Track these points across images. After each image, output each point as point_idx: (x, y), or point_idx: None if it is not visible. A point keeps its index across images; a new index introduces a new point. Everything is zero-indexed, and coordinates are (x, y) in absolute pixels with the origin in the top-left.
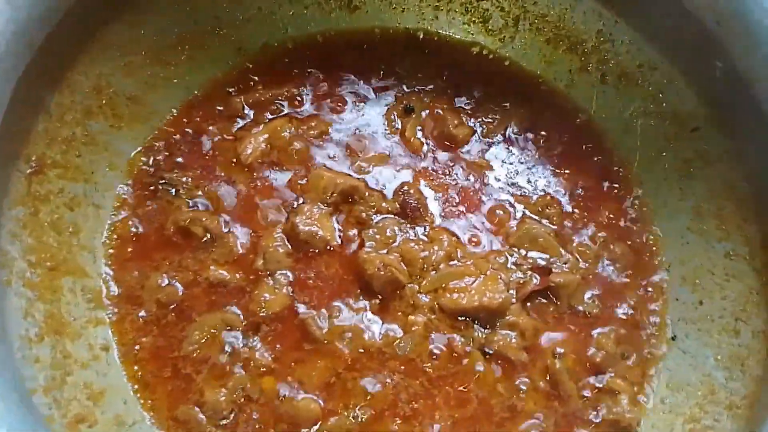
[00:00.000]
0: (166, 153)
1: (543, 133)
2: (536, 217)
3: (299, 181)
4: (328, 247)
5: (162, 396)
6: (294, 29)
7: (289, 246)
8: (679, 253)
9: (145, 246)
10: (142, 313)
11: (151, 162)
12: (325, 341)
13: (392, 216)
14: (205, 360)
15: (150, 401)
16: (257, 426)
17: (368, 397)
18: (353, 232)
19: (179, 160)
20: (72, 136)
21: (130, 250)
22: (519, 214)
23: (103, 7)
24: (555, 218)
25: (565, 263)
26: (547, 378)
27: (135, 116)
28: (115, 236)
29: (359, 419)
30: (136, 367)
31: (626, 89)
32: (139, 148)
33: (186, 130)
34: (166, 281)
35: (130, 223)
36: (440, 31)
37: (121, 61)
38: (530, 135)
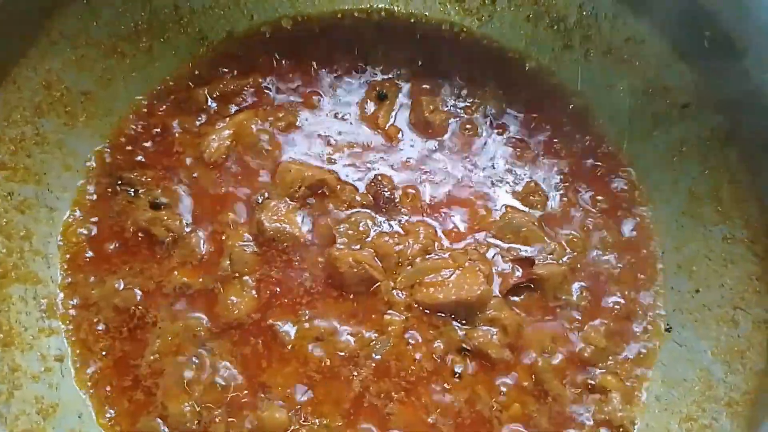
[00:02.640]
0: (125, 151)
1: (526, 115)
2: (519, 206)
3: (266, 176)
4: (297, 245)
5: (122, 409)
6: (260, 15)
7: (256, 245)
8: (674, 238)
9: (103, 249)
10: (100, 320)
11: (108, 161)
12: (295, 345)
13: (365, 209)
14: (168, 370)
15: (108, 414)
16: None
17: (340, 404)
18: (324, 227)
19: (139, 158)
20: (21, 136)
21: (86, 254)
22: (500, 203)
23: None
24: (539, 206)
25: (550, 254)
26: (532, 377)
27: (90, 113)
28: (70, 240)
29: (330, 427)
30: (92, 379)
31: (612, 66)
32: (95, 147)
33: (146, 126)
34: (124, 286)
35: (87, 225)
36: (414, 11)
37: (73, 54)
38: (512, 118)
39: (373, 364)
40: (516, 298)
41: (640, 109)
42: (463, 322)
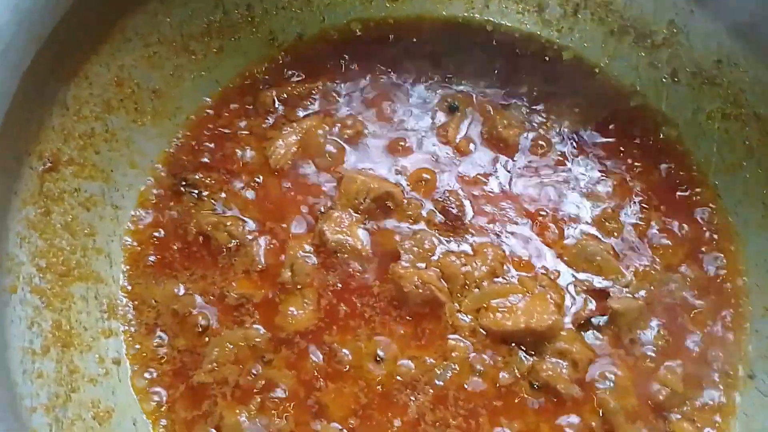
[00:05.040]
0: (191, 152)
1: (604, 136)
2: (595, 232)
3: (331, 186)
4: (360, 259)
5: (177, 417)
6: (331, 18)
7: (317, 256)
8: (762, 278)
9: (165, 252)
10: (158, 324)
11: (175, 161)
12: (354, 365)
13: (432, 226)
14: (225, 380)
15: (163, 422)
16: None
17: (399, 430)
18: (388, 242)
19: (205, 160)
20: (90, 132)
21: (149, 255)
22: (575, 228)
23: None
24: (617, 234)
25: (626, 286)
26: (601, 416)
27: (159, 111)
28: (133, 240)
29: None
30: (149, 385)
31: (701, 88)
32: (162, 146)
33: (213, 127)
34: (184, 291)
35: (151, 226)
36: (491, 20)
37: (145, 52)
38: (591, 138)
39: (431, 390)
40: (588, 332)
41: (731, 137)
42: (531, 352)
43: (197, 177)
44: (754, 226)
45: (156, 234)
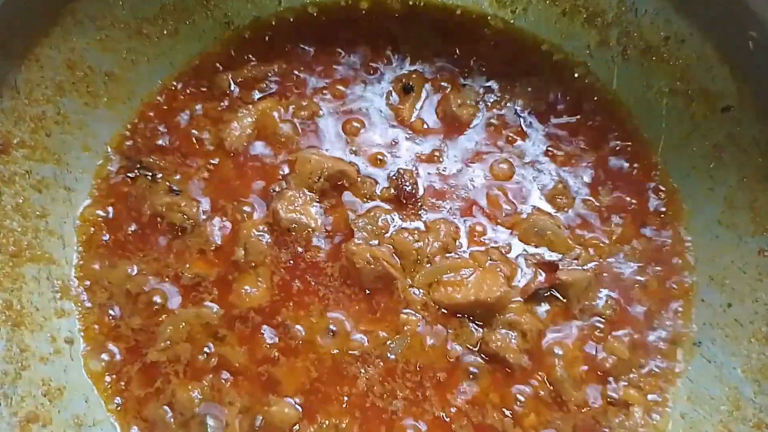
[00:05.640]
0: (146, 135)
1: (558, 113)
2: (546, 207)
3: (286, 167)
4: (314, 237)
5: (130, 395)
6: (287, 1)
7: (271, 235)
8: (707, 248)
9: (119, 233)
10: (112, 304)
11: (129, 144)
12: (307, 341)
13: (385, 203)
14: (178, 358)
15: (115, 400)
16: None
17: (349, 404)
18: (342, 220)
19: (160, 142)
20: (42, 115)
21: (102, 237)
22: (527, 204)
23: None
24: (567, 208)
25: (576, 258)
26: (550, 386)
27: (113, 94)
28: (87, 222)
29: (339, 427)
30: (102, 363)
31: (650, 65)
32: (116, 129)
33: (168, 109)
34: (137, 271)
35: (104, 208)
36: (446, 2)
37: (97, 35)
38: (543, 116)
39: (382, 363)
40: (538, 304)
41: (678, 112)
42: (481, 324)
43: (152, 159)
44: (700, 198)
45: (110, 216)
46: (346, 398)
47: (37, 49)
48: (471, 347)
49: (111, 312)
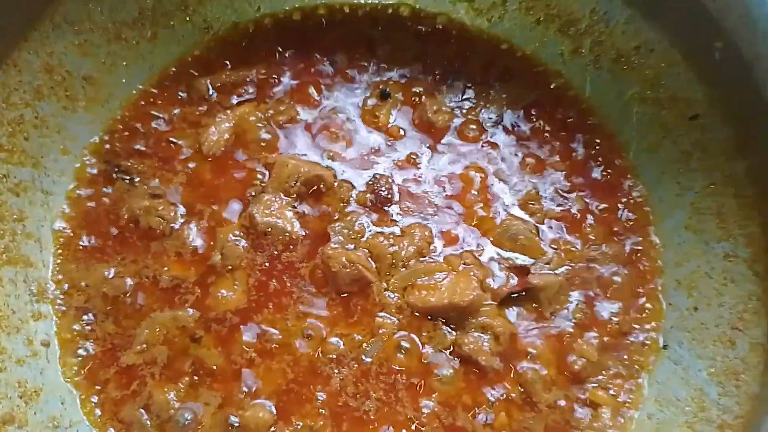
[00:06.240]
0: (124, 139)
1: (531, 120)
2: (519, 213)
3: (263, 172)
4: (290, 241)
5: (106, 397)
6: (266, 6)
7: (247, 239)
8: (675, 253)
9: (97, 237)
10: (89, 308)
11: (107, 148)
12: (283, 344)
13: (362, 208)
14: (154, 360)
15: (92, 401)
16: None
17: (324, 406)
18: (319, 225)
19: (138, 146)
20: (20, 118)
21: (80, 240)
22: (500, 209)
23: None
24: (539, 214)
25: (547, 263)
26: (520, 388)
27: (91, 99)
28: (65, 225)
29: (314, 429)
30: (78, 366)
31: (622, 73)
32: (95, 133)
33: (146, 114)
34: (114, 274)
35: (82, 212)
36: (423, 8)
37: (76, 39)
38: (518, 122)
39: (356, 365)
40: (511, 307)
41: (648, 119)
42: (454, 327)
43: (130, 163)
44: (668, 204)
45: (87, 219)
46: (321, 400)
47: (15, 54)
48: (444, 350)
49: (88, 315)
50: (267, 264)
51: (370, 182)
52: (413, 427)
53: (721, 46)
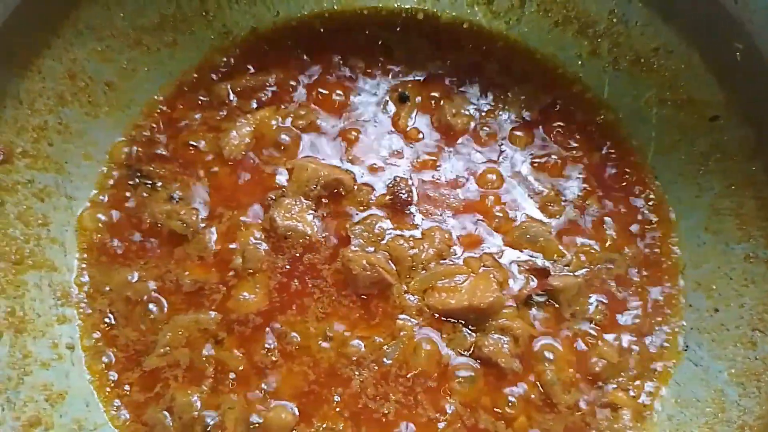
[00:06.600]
0: (145, 143)
1: (549, 122)
2: (538, 215)
3: (283, 175)
4: (310, 244)
5: (129, 399)
6: (285, 12)
7: (268, 242)
8: (695, 255)
9: (120, 241)
10: (112, 311)
11: (129, 153)
12: (304, 345)
13: (381, 211)
14: (177, 363)
15: (115, 404)
16: None
17: (344, 408)
18: (339, 228)
19: (159, 151)
20: (44, 125)
21: (103, 244)
22: (519, 211)
23: None
24: (558, 215)
25: (567, 265)
26: (540, 389)
27: (113, 104)
28: (87, 230)
29: (335, 430)
30: (102, 369)
31: (640, 75)
32: (116, 138)
33: (167, 119)
34: (137, 278)
35: (105, 216)
36: (441, 12)
37: (98, 45)
38: (536, 125)
39: (377, 368)
40: (530, 309)
41: (667, 121)
42: (474, 328)
43: (151, 168)
44: (687, 205)
45: (110, 224)
46: (342, 403)
47: (39, 61)
48: (464, 351)
49: (111, 318)
50: (288, 267)
51: (390, 185)
52: (439, 427)
53: (742, 47)
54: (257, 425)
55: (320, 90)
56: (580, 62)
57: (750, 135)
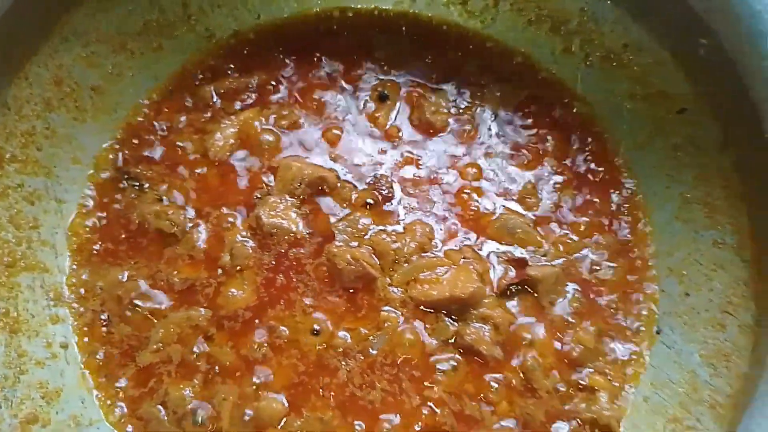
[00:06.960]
0: (132, 146)
1: (527, 118)
2: (516, 207)
3: (268, 174)
4: (295, 241)
5: (124, 395)
6: (266, 14)
7: (254, 240)
8: (666, 243)
9: (110, 242)
10: (104, 310)
11: (116, 156)
12: (292, 340)
13: (364, 207)
14: (170, 359)
15: (110, 400)
16: (220, 426)
17: (332, 397)
18: (323, 224)
19: (146, 153)
20: (32, 130)
21: (93, 245)
22: (497, 204)
23: None
24: (535, 207)
25: (544, 255)
26: (521, 375)
27: (99, 108)
28: (77, 231)
29: (324, 420)
30: (96, 366)
31: (612, 70)
32: (104, 142)
33: (153, 122)
34: (128, 277)
35: (94, 218)
36: (418, 12)
37: (84, 51)
38: (513, 120)
39: (363, 358)
40: (510, 299)
41: (639, 115)
42: (456, 318)
43: (139, 170)
44: (659, 195)
45: (99, 225)
46: (329, 392)
47: (26, 67)
48: (447, 340)
49: (103, 317)
50: (274, 263)
51: (372, 182)
52: (424, 413)
53: (707, 43)
54: (248, 417)
55: (302, 90)
56: (553, 59)
57: (718, 129)
